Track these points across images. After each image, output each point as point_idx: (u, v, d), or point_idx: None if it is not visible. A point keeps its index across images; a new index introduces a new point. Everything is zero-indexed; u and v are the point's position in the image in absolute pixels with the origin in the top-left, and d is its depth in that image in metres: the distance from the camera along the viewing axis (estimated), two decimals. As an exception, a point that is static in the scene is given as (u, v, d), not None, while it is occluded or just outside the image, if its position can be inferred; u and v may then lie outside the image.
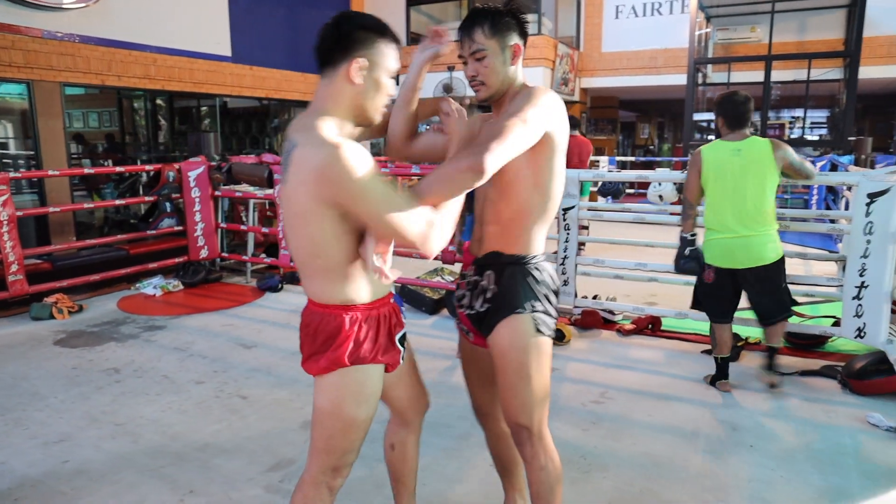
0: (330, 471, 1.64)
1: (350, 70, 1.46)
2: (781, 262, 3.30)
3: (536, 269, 1.76)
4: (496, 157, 1.48)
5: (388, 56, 1.52)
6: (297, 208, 1.43)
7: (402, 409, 1.89)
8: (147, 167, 6.67)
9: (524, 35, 1.76)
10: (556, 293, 1.83)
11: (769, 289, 3.31)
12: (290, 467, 2.64)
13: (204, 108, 10.70)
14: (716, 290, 3.37)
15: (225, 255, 6.29)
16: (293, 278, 5.94)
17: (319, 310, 1.55)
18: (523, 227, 1.75)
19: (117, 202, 7.24)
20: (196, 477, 2.57)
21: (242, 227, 6.42)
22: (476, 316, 1.82)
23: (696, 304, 3.56)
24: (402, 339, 1.69)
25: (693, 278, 3.52)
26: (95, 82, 7.20)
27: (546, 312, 1.76)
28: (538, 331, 1.74)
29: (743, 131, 3.24)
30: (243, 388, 3.50)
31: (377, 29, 1.51)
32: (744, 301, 3.44)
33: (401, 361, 1.70)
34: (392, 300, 1.69)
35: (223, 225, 6.29)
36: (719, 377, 3.48)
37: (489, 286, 1.77)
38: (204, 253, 6.03)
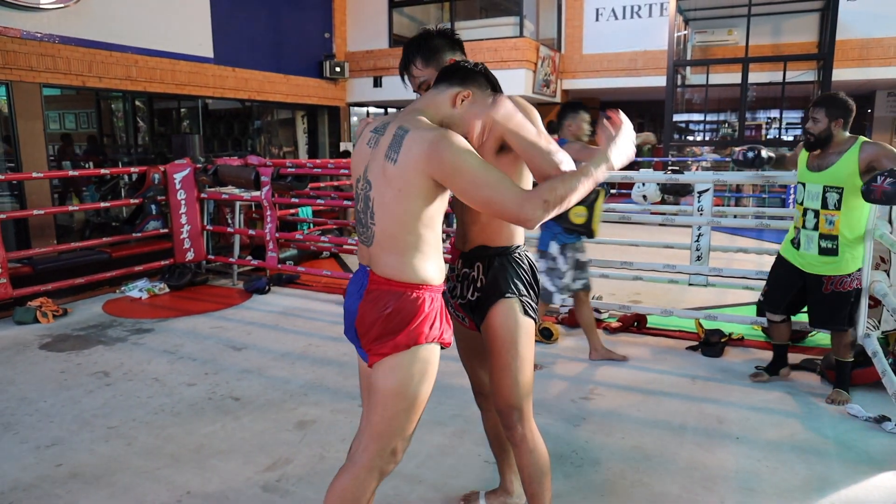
0: (388, 454, 1.68)
1: (459, 95, 1.69)
2: None
3: (519, 258, 1.95)
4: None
5: (485, 104, 1.71)
6: (402, 184, 1.58)
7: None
8: (132, 169, 6.62)
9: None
10: (537, 280, 2.00)
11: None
12: (287, 467, 2.66)
13: (184, 110, 10.62)
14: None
15: (211, 257, 6.26)
16: (280, 280, 5.94)
17: (397, 288, 1.63)
18: (502, 223, 1.91)
19: (102, 205, 7.16)
20: (193, 478, 2.58)
21: (228, 230, 6.40)
22: (468, 304, 1.98)
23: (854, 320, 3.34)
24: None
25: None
26: (76, 83, 7.13)
27: (530, 297, 1.94)
28: (525, 313, 1.91)
29: None
30: (235, 389, 3.51)
31: (493, 83, 1.76)
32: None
33: (452, 343, 1.78)
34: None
35: (209, 227, 6.26)
36: (782, 364, 3.59)
37: (478, 276, 1.94)
38: (190, 255, 6.00)
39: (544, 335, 4.21)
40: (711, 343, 4.05)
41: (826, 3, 10.24)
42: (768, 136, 12.91)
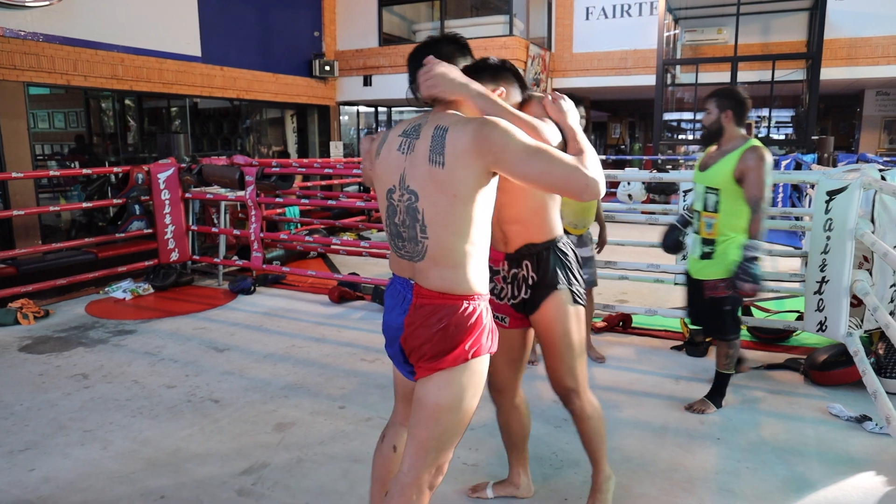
0: (435, 470, 1.64)
1: (493, 93, 1.64)
2: None
3: (564, 249, 2.05)
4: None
5: (516, 100, 1.77)
6: (456, 187, 1.49)
7: None
8: (115, 169, 6.56)
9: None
10: (580, 266, 2.13)
11: None
12: (263, 470, 2.64)
13: (174, 109, 10.55)
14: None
15: (196, 257, 6.22)
16: (266, 280, 5.90)
17: (451, 301, 1.55)
18: (544, 217, 2.01)
19: (84, 205, 7.10)
20: (167, 482, 2.55)
21: (214, 230, 6.36)
22: (520, 303, 2.08)
23: (728, 330, 3.09)
24: None
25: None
26: (61, 82, 7.06)
27: (578, 284, 2.07)
28: (575, 301, 2.05)
29: None
30: (216, 391, 3.47)
31: (521, 80, 1.79)
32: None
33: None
34: None
35: (194, 227, 6.22)
36: (724, 392, 3.23)
37: (529, 274, 2.03)
38: (174, 256, 5.96)
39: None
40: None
41: (814, 2, 10.27)
42: (759, 135, 12.93)
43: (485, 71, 1.71)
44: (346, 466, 2.66)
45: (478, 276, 1.59)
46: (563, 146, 1.68)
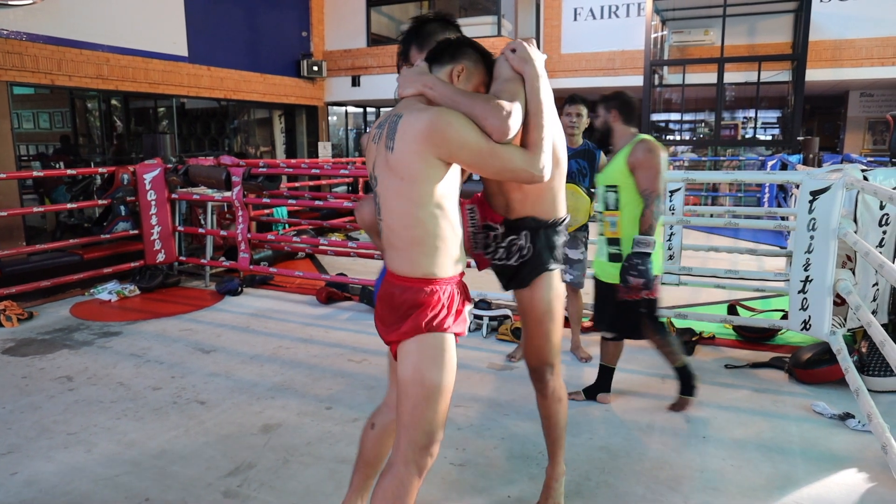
0: (420, 448, 1.66)
1: (453, 72, 1.71)
2: None
3: (558, 233, 2.09)
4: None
5: (481, 72, 1.77)
6: (405, 171, 1.57)
7: None
8: (100, 170, 6.50)
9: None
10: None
11: None
12: (250, 471, 2.62)
13: (161, 109, 10.49)
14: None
15: (183, 258, 6.18)
16: (253, 281, 5.87)
17: (407, 283, 1.65)
18: (550, 194, 2.03)
19: (69, 206, 7.03)
20: (152, 485, 2.53)
21: (200, 231, 6.32)
22: (506, 268, 2.11)
23: (645, 329, 3.11)
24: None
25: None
26: (45, 82, 7.00)
27: (561, 266, 2.14)
28: (561, 280, 2.14)
29: None
30: (202, 393, 3.45)
31: (482, 51, 1.78)
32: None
33: (466, 334, 1.80)
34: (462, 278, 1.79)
35: (180, 228, 6.18)
36: (692, 379, 3.22)
37: (526, 245, 2.05)
38: (161, 257, 5.91)
39: (516, 335, 4.20)
40: (682, 342, 4.06)
41: (799, 4, 10.36)
42: (746, 136, 13.03)
43: (444, 52, 1.74)
44: (333, 467, 2.65)
45: (434, 263, 1.63)
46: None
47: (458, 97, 1.64)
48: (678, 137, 13.79)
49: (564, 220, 2.10)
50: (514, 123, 1.62)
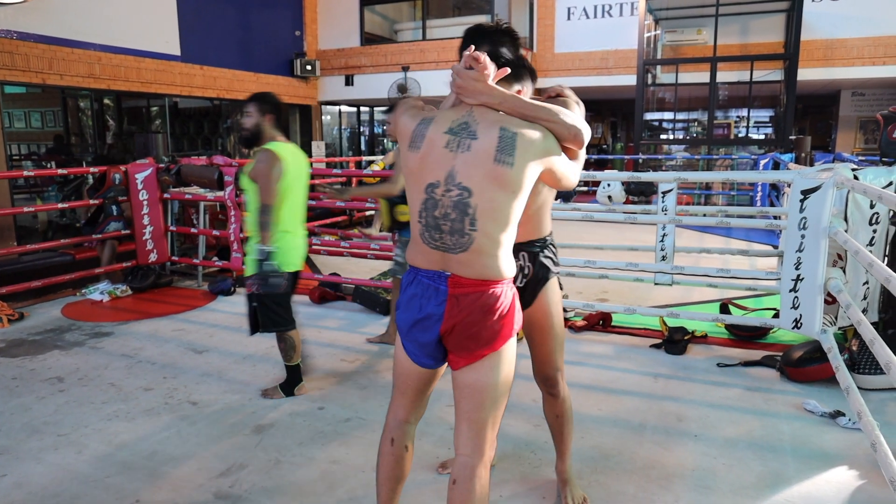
0: (491, 443, 1.78)
1: (520, 92, 1.80)
2: None
3: (552, 245, 2.25)
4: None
5: (530, 93, 1.90)
6: (519, 186, 1.63)
7: (422, 402, 1.92)
8: (92, 169, 6.47)
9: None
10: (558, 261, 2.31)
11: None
12: (241, 472, 2.61)
13: (154, 109, 10.44)
14: (287, 298, 3.30)
15: (175, 258, 6.15)
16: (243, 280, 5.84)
17: (490, 286, 1.68)
18: (542, 217, 2.18)
19: (60, 205, 6.99)
20: (143, 486, 2.52)
21: (193, 230, 6.30)
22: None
23: (266, 325, 3.26)
24: None
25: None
26: (36, 81, 6.95)
27: (557, 271, 2.26)
28: (560, 287, 2.28)
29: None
30: (194, 393, 3.44)
31: (534, 75, 1.90)
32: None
33: None
34: None
35: (173, 228, 6.15)
36: (298, 382, 3.40)
37: (525, 265, 2.17)
38: (153, 257, 5.89)
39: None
40: (675, 341, 4.08)
41: (791, 4, 10.40)
42: (738, 135, 13.07)
43: (511, 71, 1.76)
44: (325, 468, 2.64)
45: (510, 262, 1.73)
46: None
47: (557, 113, 1.70)
48: (671, 136, 13.83)
49: (551, 234, 2.24)
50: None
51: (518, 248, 2.09)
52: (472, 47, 1.70)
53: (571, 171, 1.78)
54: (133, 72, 8.11)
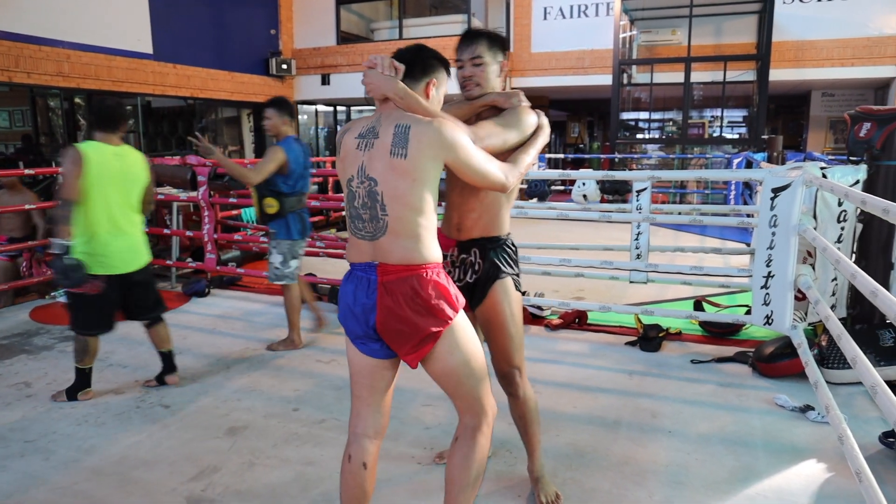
0: (480, 414, 1.90)
1: (428, 87, 1.90)
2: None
3: (508, 245, 2.25)
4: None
5: (446, 80, 1.98)
6: (417, 173, 1.75)
7: (381, 409, 1.95)
8: (61, 169, 6.33)
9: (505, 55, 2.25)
10: (518, 262, 2.32)
11: (153, 287, 3.57)
12: (214, 475, 2.58)
13: (127, 108, 10.25)
14: (102, 301, 3.26)
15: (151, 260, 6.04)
16: (220, 282, 5.78)
17: (416, 271, 1.77)
18: (496, 213, 2.19)
19: (27, 206, 6.82)
20: (113, 492, 2.47)
21: (166, 231, 6.21)
22: (465, 286, 2.20)
23: (70, 322, 3.32)
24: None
25: None
26: (2, 79, 6.80)
27: (518, 275, 2.27)
28: (517, 288, 2.24)
29: (114, 136, 3.29)
30: (166, 396, 3.39)
31: (447, 66, 1.97)
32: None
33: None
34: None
35: (145, 229, 6.04)
36: (83, 387, 3.37)
37: (476, 261, 2.20)
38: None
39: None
40: (649, 338, 4.11)
41: (763, 5, 10.57)
42: (713, 134, 13.25)
43: (415, 66, 1.87)
44: (300, 469, 2.62)
45: (433, 248, 1.82)
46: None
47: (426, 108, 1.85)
48: (647, 136, 13.97)
49: (508, 235, 2.26)
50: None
51: (470, 244, 2.20)
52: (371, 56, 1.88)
53: (488, 166, 1.86)
54: (104, 70, 7.97)
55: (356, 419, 1.92)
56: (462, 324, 1.85)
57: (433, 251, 1.82)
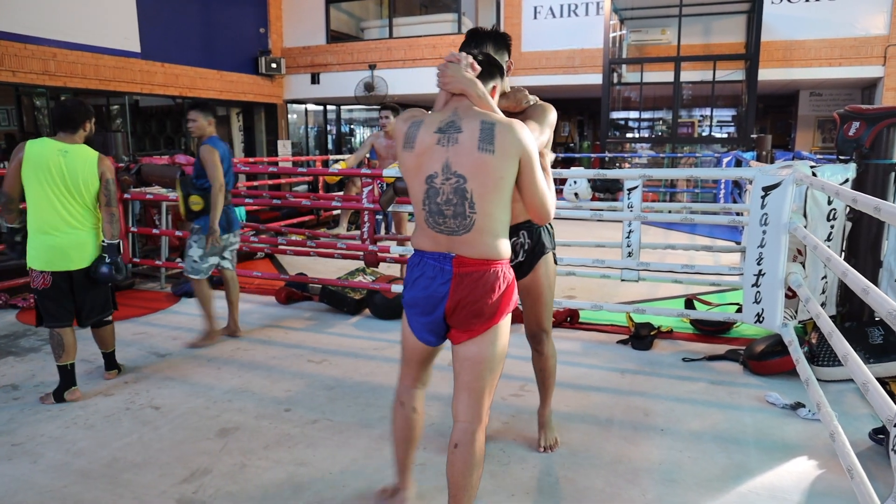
0: (487, 410, 2.00)
1: (494, 91, 2.03)
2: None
3: (550, 226, 2.59)
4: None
5: (501, 90, 2.11)
6: (503, 171, 1.84)
7: (427, 370, 2.17)
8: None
9: (510, 55, 2.45)
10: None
11: (104, 288, 3.54)
12: (205, 477, 2.56)
13: (115, 107, 10.18)
14: (56, 294, 3.30)
15: (137, 260, 6.00)
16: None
17: (491, 266, 1.89)
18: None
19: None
20: (102, 494, 2.45)
21: (155, 231, 6.16)
22: (516, 265, 2.51)
23: (36, 317, 3.39)
24: None
25: None
26: (-13, 78, 6.72)
27: (555, 249, 2.66)
28: (555, 262, 2.66)
29: (73, 135, 3.35)
30: (156, 398, 3.36)
31: (503, 72, 2.12)
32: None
33: None
34: None
35: (134, 229, 6.00)
36: (68, 386, 3.35)
37: (525, 241, 2.54)
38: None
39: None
40: (641, 336, 4.13)
41: (752, 5, 10.62)
42: (702, 133, 13.31)
43: (484, 70, 1.99)
44: (292, 470, 2.60)
45: (507, 244, 1.95)
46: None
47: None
48: (637, 135, 14.01)
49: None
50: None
51: (520, 227, 2.51)
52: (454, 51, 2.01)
53: (544, 180, 1.93)
54: (91, 69, 7.89)
55: (406, 378, 2.15)
56: (507, 324, 1.97)
57: (506, 247, 1.93)
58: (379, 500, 2.31)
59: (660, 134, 13.84)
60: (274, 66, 11.17)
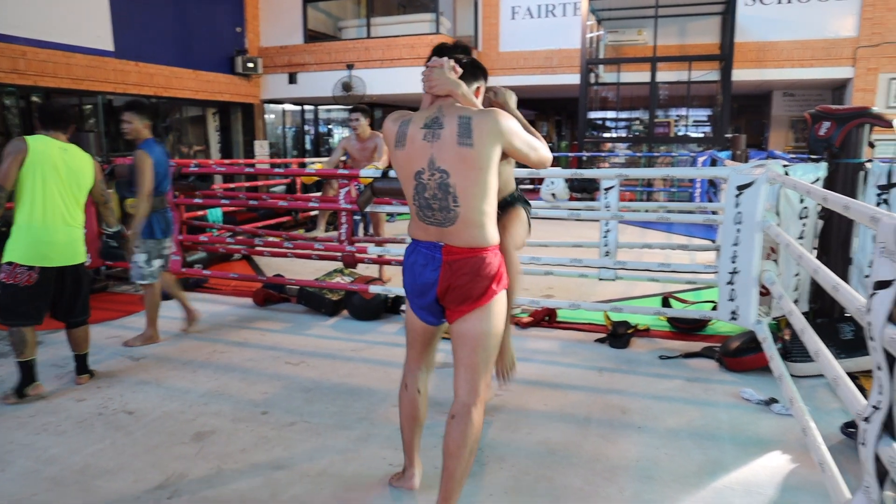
0: (487, 385, 2.13)
1: (478, 91, 2.21)
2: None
3: (519, 192, 3.05)
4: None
5: (482, 91, 2.29)
6: (482, 162, 1.96)
7: (430, 353, 2.32)
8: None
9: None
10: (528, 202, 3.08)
11: (85, 288, 3.58)
12: (180, 482, 2.52)
13: (88, 107, 9.98)
14: (31, 292, 3.28)
15: (110, 262, 5.90)
16: (186, 285, 5.66)
17: (479, 253, 2.02)
18: (509, 177, 2.98)
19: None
20: (74, 502, 2.40)
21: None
22: None
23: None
24: None
25: None
26: (-47, 77, 6.56)
27: (528, 206, 3.06)
28: (527, 212, 3.05)
29: (65, 135, 3.41)
30: (130, 402, 3.30)
31: (486, 76, 2.28)
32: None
33: None
34: None
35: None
36: (30, 382, 3.33)
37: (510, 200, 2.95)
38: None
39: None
40: (618, 335, 4.16)
41: (726, 6, 10.78)
42: (678, 133, 13.46)
43: (468, 72, 2.13)
44: (268, 474, 2.58)
45: (493, 232, 2.06)
46: None
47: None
48: (614, 135, 14.13)
49: (517, 188, 3.05)
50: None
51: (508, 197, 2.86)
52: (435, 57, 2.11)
53: (534, 143, 2.11)
54: (62, 67, 7.75)
55: (412, 362, 2.30)
56: (501, 302, 2.09)
57: (493, 235, 2.05)
58: (393, 484, 2.45)
59: (637, 134, 13.97)
60: (251, 65, 11.06)
